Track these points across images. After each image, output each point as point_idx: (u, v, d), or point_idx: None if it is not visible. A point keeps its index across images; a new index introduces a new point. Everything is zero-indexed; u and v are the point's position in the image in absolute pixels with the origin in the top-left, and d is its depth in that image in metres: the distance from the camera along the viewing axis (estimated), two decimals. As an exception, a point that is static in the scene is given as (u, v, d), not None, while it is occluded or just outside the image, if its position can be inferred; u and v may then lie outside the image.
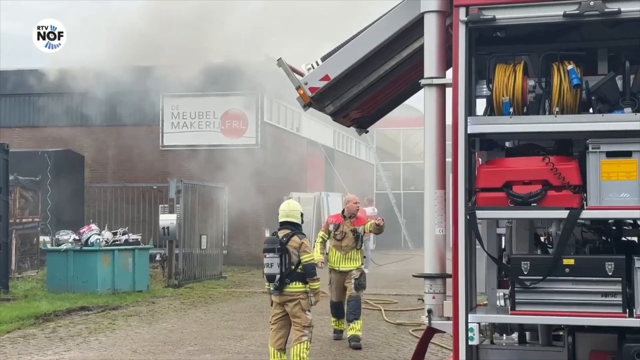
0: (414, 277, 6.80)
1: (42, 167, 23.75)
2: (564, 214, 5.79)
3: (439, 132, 6.46)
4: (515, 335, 7.02)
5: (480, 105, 6.54)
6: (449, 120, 6.20)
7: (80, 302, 16.61)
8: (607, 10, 5.68)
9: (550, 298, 5.83)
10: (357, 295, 12.15)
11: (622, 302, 5.69)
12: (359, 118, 8.18)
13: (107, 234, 19.02)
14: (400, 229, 43.01)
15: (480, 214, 6.03)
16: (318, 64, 7.22)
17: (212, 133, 28.51)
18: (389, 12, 7.00)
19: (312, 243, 14.95)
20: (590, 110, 6.09)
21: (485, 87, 6.30)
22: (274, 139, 29.35)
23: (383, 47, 6.99)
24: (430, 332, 6.68)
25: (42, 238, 21.67)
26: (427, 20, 6.45)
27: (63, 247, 18.49)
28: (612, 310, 5.71)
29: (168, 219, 20.59)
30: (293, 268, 9.23)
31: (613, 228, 6.78)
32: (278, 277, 9.18)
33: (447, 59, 6.52)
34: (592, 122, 5.85)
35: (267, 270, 9.26)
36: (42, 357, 11.34)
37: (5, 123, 28.83)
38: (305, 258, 9.22)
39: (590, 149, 5.79)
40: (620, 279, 5.71)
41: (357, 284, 12.17)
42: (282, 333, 9.43)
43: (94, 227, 19.14)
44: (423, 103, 6.59)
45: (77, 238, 18.68)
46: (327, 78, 7.10)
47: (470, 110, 6.13)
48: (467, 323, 5.93)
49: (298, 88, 7.12)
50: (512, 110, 6.07)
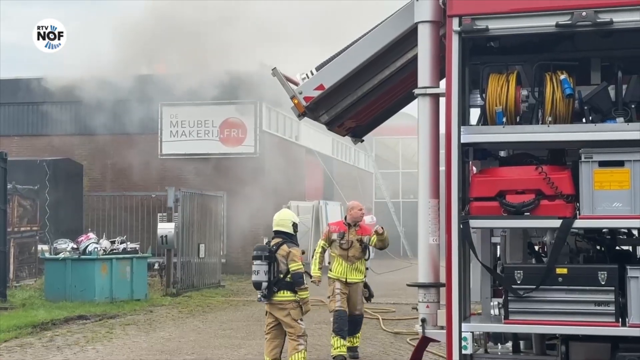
0: (408, 286, 6.82)
1: (40, 175, 23.75)
2: (557, 224, 5.83)
3: (433, 141, 6.49)
4: (510, 345, 7.02)
5: (474, 114, 6.58)
6: (443, 130, 6.23)
7: (78, 310, 16.60)
8: (599, 21, 5.72)
9: (544, 307, 5.86)
10: (362, 312, 11.84)
11: (615, 311, 5.72)
12: (354, 127, 8.21)
13: (105, 243, 19.01)
14: (399, 238, 42.95)
15: (474, 223, 6.06)
16: (312, 74, 7.25)
17: (210, 141, 28.52)
18: (383, 22, 7.04)
19: (310, 252, 14.73)
20: (583, 120, 6.12)
21: (479, 96, 6.33)
22: (273, 148, 29.37)
23: (377, 56, 7.03)
24: (425, 341, 6.69)
25: (40, 247, 21.67)
26: (420, 31, 6.49)
27: (61, 255, 18.48)
28: (605, 320, 5.74)
29: (166, 228, 20.58)
30: (281, 277, 9.21)
31: (607, 237, 6.80)
32: (265, 284, 9.18)
33: (440, 69, 6.56)
34: (584, 131, 5.89)
35: (253, 278, 9.30)
36: (38, 366, 11.34)
37: (4, 132, 28.84)
38: (293, 267, 9.18)
39: (583, 159, 5.83)
40: (613, 289, 5.74)
41: (367, 298, 11.78)
42: (276, 343, 9.42)
43: (92, 235, 19.14)
44: (417, 113, 6.62)
45: (75, 247, 18.68)
46: (321, 87, 7.13)
47: (464, 120, 6.17)
48: (460, 332, 5.96)
49: (292, 97, 7.16)
50: (505, 120, 6.11)
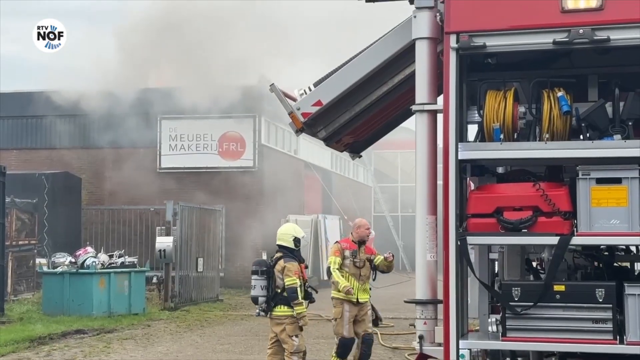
0: (406, 302, 6.80)
1: (39, 189, 23.74)
2: (555, 240, 5.82)
3: (431, 157, 6.49)
4: (508, 362, 7.00)
5: (472, 130, 6.59)
6: (441, 145, 6.23)
7: (76, 325, 16.56)
8: (596, 38, 5.73)
9: (542, 324, 5.84)
10: (372, 332, 11.50)
11: (612, 329, 5.69)
12: (352, 143, 8.22)
13: (103, 257, 18.99)
14: (398, 252, 42.92)
15: (471, 240, 6.05)
16: (310, 89, 7.26)
17: (209, 155, 28.53)
18: (381, 38, 7.05)
19: (309, 267, 14.38)
20: (581, 137, 6.12)
21: (476, 113, 6.33)
22: (272, 161, 29.38)
23: (375, 73, 7.03)
24: (423, 358, 6.66)
25: (38, 260, 21.62)
26: (418, 47, 6.50)
27: (59, 269, 18.46)
28: (603, 337, 5.72)
29: (165, 242, 20.56)
30: (278, 292, 9.21)
31: (604, 254, 6.79)
32: (262, 299, 9.22)
33: (438, 85, 6.57)
34: (582, 148, 5.89)
35: (251, 292, 9.33)
36: (35, 381, 11.30)
37: (3, 145, 28.85)
38: (287, 282, 9.18)
39: (581, 176, 5.82)
40: (611, 306, 5.72)
41: (375, 320, 11.39)
42: (277, 358, 9.40)
43: (90, 249, 19.13)
44: (415, 129, 6.63)
45: (73, 260, 18.66)
46: (319, 103, 7.14)
47: (461, 136, 6.16)
48: (458, 349, 5.93)
49: (290, 113, 7.16)
50: (502, 137, 6.11)
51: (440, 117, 6.32)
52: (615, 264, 6.79)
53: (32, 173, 25.06)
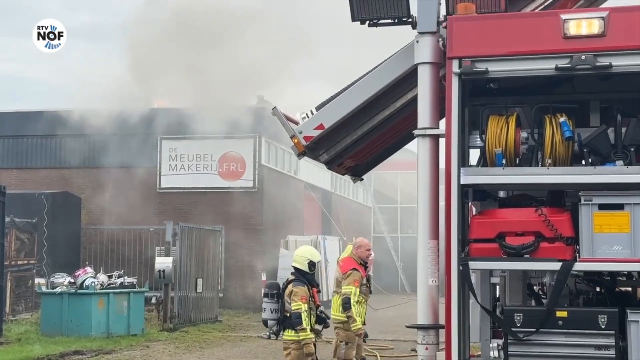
0: (408, 327, 6.78)
1: (38, 208, 23.69)
2: (557, 266, 5.81)
3: (433, 182, 6.50)
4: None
5: (473, 154, 6.59)
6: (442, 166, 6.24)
7: (74, 346, 16.47)
8: (598, 64, 5.75)
9: (544, 351, 5.83)
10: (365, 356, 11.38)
11: (615, 355, 5.68)
12: (353, 166, 8.23)
13: (102, 277, 18.91)
14: (398, 273, 42.87)
15: (473, 265, 6.05)
16: (312, 113, 7.28)
17: (209, 175, 28.52)
18: (383, 62, 7.08)
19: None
20: (583, 162, 6.12)
21: (478, 137, 6.34)
22: (272, 182, 29.38)
23: (377, 97, 7.05)
24: (425, 383, 6.64)
25: (37, 280, 21.54)
26: (420, 72, 6.53)
27: (58, 289, 18.39)
28: (605, 364, 5.69)
29: (164, 262, 20.50)
30: (287, 315, 9.10)
31: (606, 279, 6.77)
32: (272, 322, 9.10)
33: (440, 109, 6.58)
34: (584, 174, 5.90)
35: (262, 315, 9.22)
36: (33, 403, 11.22)
37: (3, 164, 28.87)
38: (292, 306, 9.03)
39: (583, 201, 5.83)
40: (614, 332, 5.70)
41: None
42: None
43: (90, 270, 19.05)
44: (417, 153, 6.64)
45: (72, 281, 18.59)
46: (321, 127, 7.15)
47: (464, 161, 6.17)
48: (459, 375, 5.91)
49: (292, 137, 7.18)
50: (504, 162, 6.11)
51: (443, 141, 6.33)
52: (617, 290, 6.77)
53: (31, 192, 25.02)
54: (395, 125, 7.57)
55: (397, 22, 6.70)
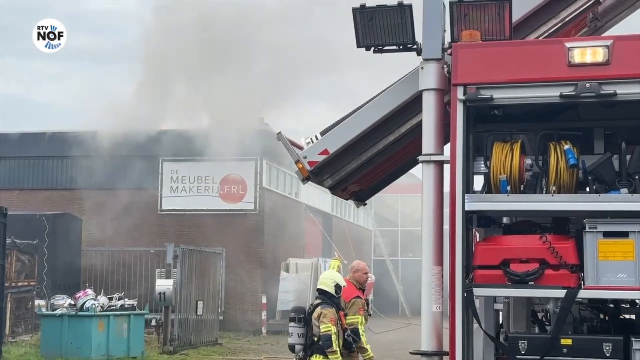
0: (412, 354, 6.76)
1: (39, 230, 23.69)
2: (562, 294, 5.79)
3: (437, 208, 6.50)
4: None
5: (477, 179, 6.60)
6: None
7: (73, 368, 16.42)
8: (603, 92, 5.77)
9: (548, 378, 5.79)
10: None
11: (620, 384, 5.66)
12: (357, 191, 8.24)
13: (102, 299, 18.87)
14: (398, 296, 42.77)
15: (478, 292, 6.03)
16: (317, 138, 7.30)
17: (210, 198, 28.55)
18: (388, 88, 7.11)
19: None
20: (587, 189, 6.13)
21: (483, 164, 6.36)
22: (272, 204, 29.39)
23: (382, 122, 7.07)
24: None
25: (37, 302, 21.49)
26: (425, 98, 6.55)
27: (58, 311, 18.34)
28: (610, 392, 5.67)
29: (164, 285, 20.45)
30: (315, 340, 8.87)
31: (610, 306, 6.76)
32: (299, 347, 8.87)
33: (444, 135, 6.60)
34: (588, 202, 5.90)
35: (288, 340, 9.01)
36: None
37: (4, 185, 28.90)
38: (322, 328, 8.79)
39: (587, 229, 5.82)
40: (619, 360, 5.69)
41: None
42: None
43: (90, 292, 19.02)
44: (421, 179, 6.64)
45: (72, 303, 18.55)
46: (326, 152, 7.17)
47: (468, 187, 6.17)
48: (463, 403, 5.88)
49: (297, 162, 7.19)
50: (509, 189, 6.11)
51: (447, 167, 6.34)
52: (622, 317, 6.76)
53: (32, 214, 25.02)
54: (400, 151, 7.58)
55: (402, 48, 6.72)
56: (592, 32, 7.71)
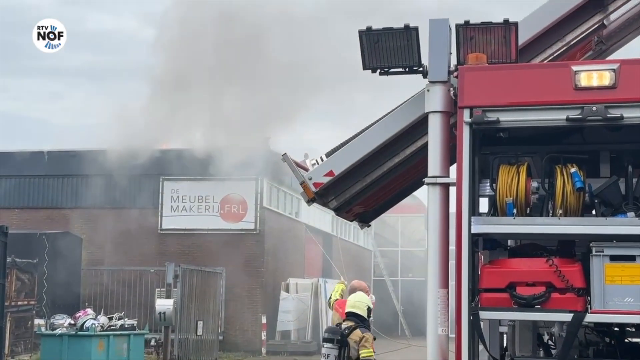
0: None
1: (39, 249, 23.66)
2: (568, 317, 5.77)
3: (442, 230, 6.47)
4: None
5: (482, 202, 6.59)
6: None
7: (73, 388, 16.34)
8: (609, 116, 5.76)
9: (555, 403, 5.76)
10: None
11: (627, 409, 5.62)
12: (362, 213, 8.21)
13: (102, 319, 18.83)
14: (398, 317, 42.62)
15: (484, 315, 6.01)
16: (322, 160, 7.28)
17: (211, 217, 28.52)
18: (394, 110, 7.11)
19: (309, 331, 13.67)
20: (593, 212, 6.12)
21: (489, 186, 6.35)
22: (273, 224, 29.35)
23: (387, 144, 7.06)
24: None
25: (36, 321, 21.43)
26: (431, 120, 6.53)
27: (58, 331, 18.28)
28: (616, 417, 5.64)
29: (165, 304, 20.39)
30: None
31: (615, 329, 6.73)
32: None
33: (450, 157, 6.59)
34: (595, 225, 5.87)
35: None
36: None
37: (5, 204, 28.88)
38: (364, 353, 8.75)
39: (594, 252, 5.80)
40: (625, 385, 5.66)
41: None
42: None
43: (90, 311, 18.99)
44: (427, 201, 6.63)
45: (72, 322, 18.50)
46: (331, 174, 7.15)
47: (474, 210, 6.16)
48: None
49: (302, 183, 7.17)
50: (515, 211, 6.09)
51: (453, 189, 6.33)
52: (628, 341, 6.72)
53: (33, 232, 24.99)
54: (405, 173, 7.57)
55: (408, 71, 6.72)
56: (597, 55, 7.73)
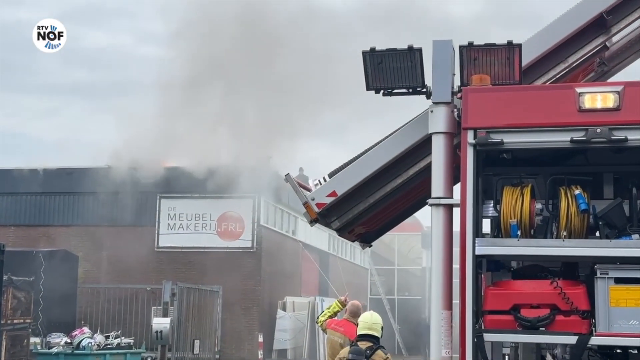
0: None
1: (36, 266, 23.49)
2: (573, 340, 5.75)
3: (446, 252, 6.46)
4: None
5: (486, 222, 6.57)
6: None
7: (69, 407, 16.23)
8: (614, 138, 5.77)
9: None
10: None
11: None
12: (364, 233, 8.20)
13: (99, 337, 18.76)
14: (394, 335, 42.49)
15: (488, 337, 5.98)
16: (325, 180, 7.28)
17: (208, 235, 28.45)
18: (397, 131, 7.11)
19: (305, 351, 13.67)
20: (597, 234, 6.10)
21: (492, 208, 6.33)
22: (270, 242, 29.29)
23: (390, 165, 7.06)
24: None
25: (32, 340, 21.28)
26: (435, 141, 6.54)
27: (54, 350, 18.20)
28: None
29: (161, 323, 20.27)
30: None
31: (617, 351, 6.70)
32: None
33: (453, 178, 6.59)
34: (599, 247, 5.86)
35: None
36: None
37: (1, 222, 28.78)
38: None
39: (599, 275, 5.79)
40: (629, 408, 5.63)
41: None
42: None
43: (87, 330, 18.92)
44: (430, 222, 6.62)
45: (68, 341, 18.41)
46: (334, 194, 7.15)
47: (478, 231, 6.14)
48: None
49: (305, 204, 7.16)
50: (519, 233, 6.08)
51: (456, 210, 6.32)
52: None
53: (29, 250, 24.85)
54: (407, 193, 7.56)
55: (411, 91, 6.73)
56: (599, 76, 7.75)
